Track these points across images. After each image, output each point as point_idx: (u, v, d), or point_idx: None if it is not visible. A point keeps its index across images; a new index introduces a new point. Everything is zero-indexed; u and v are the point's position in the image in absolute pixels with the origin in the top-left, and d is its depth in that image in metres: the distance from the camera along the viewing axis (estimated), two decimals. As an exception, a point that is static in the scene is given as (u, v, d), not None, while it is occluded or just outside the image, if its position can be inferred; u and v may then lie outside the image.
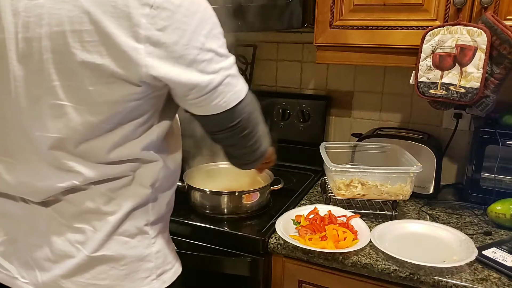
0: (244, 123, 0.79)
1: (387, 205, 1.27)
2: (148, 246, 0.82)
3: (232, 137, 0.81)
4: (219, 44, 0.73)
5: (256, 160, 0.89)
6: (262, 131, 0.85)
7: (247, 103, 0.78)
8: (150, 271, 0.82)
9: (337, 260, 1.02)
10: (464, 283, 0.93)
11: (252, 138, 0.83)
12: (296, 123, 1.65)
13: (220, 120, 0.77)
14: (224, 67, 0.73)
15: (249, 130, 0.81)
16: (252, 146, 0.85)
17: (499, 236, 1.14)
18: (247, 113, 0.78)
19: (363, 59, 1.27)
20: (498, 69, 1.07)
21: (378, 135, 1.47)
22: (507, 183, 1.26)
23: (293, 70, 1.72)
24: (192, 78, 0.69)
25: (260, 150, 0.87)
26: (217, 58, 0.71)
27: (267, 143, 0.89)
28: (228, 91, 0.73)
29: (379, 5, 1.20)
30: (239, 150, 0.86)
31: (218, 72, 0.71)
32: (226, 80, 0.73)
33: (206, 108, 0.75)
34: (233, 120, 0.77)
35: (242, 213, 1.22)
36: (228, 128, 0.78)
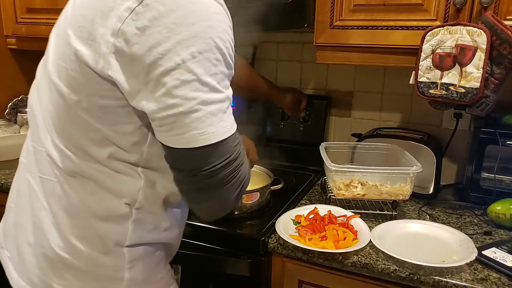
0: (201, 173, 0.63)
1: (387, 205, 1.27)
2: (121, 269, 0.76)
3: (181, 181, 0.67)
4: (210, 72, 0.61)
5: (214, 219, 0.75)
6: (231, 193, 0.67)
7: (221, 153, 0.63)
8: None
9: (337, 260, 1.02)
10: (464, 283, 0.93)
11: (209, 197, 0.66)
12: (296, 123, 1.65)
13: (177, 157, 0.65)
14: (205, 100, 0.60)
15: (206, 184, 0.65)
16: (207, 206, 0.69)
17: (499, 236, 1.14)
18: (214, 165, 0.63)
19: (363, 59, 1.27)
20: (498, 69, 1.07)
21: (378, 135, 1.47)
22: (507, 183, 1.27)
23: (293, 70, 1.72)
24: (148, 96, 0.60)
25: (221, 213, 0.71)
26: (197, 85, 0.60)
27: (235, 203, 0.71)
28: (195, 128, 0.61)
29: (379, 5, 1.20)
30: (188, 202, 0.72)
31: (189, 100, 0.59)
32: (198, 114, 0.60)
33: (163, 135, 0.64)
34: (190, 164, 0.63)
35: (242, 213, 1.22)
36: (178, 170, 0.66)
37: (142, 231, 0.77)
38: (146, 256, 0.80)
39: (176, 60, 0.58)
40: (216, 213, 0.72)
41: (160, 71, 0.59)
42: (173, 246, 0.89)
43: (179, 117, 0.60)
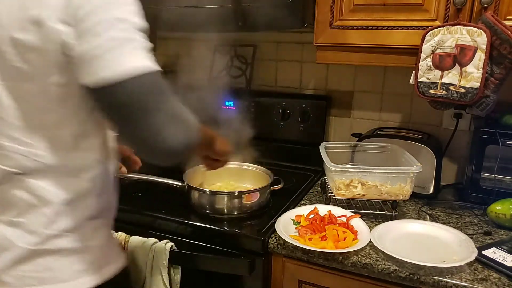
0: (128, 105, 0.68)
1: (387, 205, 1.27)
2: (87, 240, 0.83)
3: (117, 121, 0.72)
4: (123, 18, 0.68)
5: (161, 157, 0.76)
6: (162, 123, 0.71)
7: (142, 82, 0.68)
8: (88, 264, 0.83)
9: (337, 260, 1.02)
10: (464, 283, 0.93)
11: (142, 129, 0.70)
12: (296, 123, 1.65)
13: (103, 96, 0.69)
14: (116, 36, 0.67)
15: (136, 116, 0.69)
16: (143, 138, 0.71)
17: (499, 236, 1.14)
18: (138, 93, 0.68)
19: (363, 59, 1.27)
20: (498, 69, 1.07)
21: (378, 135, 1.47)
22: (507, 183, 1.27)
23: (293, 70, 1.72)
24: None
25: (159, 146, 0.72)
26: (112, 25, 0.67)
27: (178, 139, 0.73)
28: (116, 60, 0.67)
29: (379, 5, 1.20)
30: (130, 139, 0.75)
31: (103, 36, 0.66)
32: (112, 43, 0.66)
33: (86, 76, 0.68)
34: (117, 98, 0.68)
35: (242, 213, 1.22)
36: (106, 107, 0.71)
37: (98, 201, 0.84)
38: (103, 225, 0.87)
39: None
40: (147, 144, 0.72)
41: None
42: (111, 212, 0.92)
43: (95, 50, 0.67)
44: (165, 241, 1.15)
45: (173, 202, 1.28)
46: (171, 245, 1.14)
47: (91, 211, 0.83)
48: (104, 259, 0.86)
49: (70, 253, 0.81)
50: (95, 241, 0.85)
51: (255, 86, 1.78)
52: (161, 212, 1.22)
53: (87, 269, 0.83)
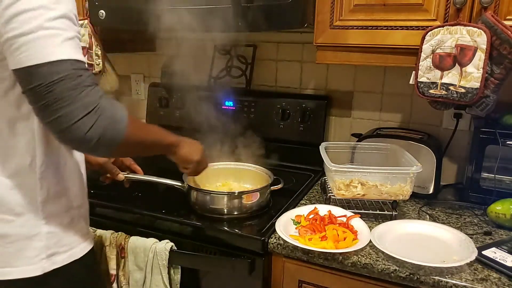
0: (43, 90, 0.70)
1: (387, 205, 1.27)
2: (38, 225, 0.84)
3: (32, 103, 0.73)
4: (48, 6, 0.71)
5: (74, 146, 0.78)
6: (75, 111, 0.72)
7: (57, 70, 0.70)
8: (39, 250, 0.84)
9: (337, 260, 1.03)
10: (464, 283, 0.93)
11: (53, 113, 0.71)
12: (296, 123, 1.65)
13: (21, 79, 0.72)
14: (40, 25, 0.70)
15: (48, 101, 0.70)
16: (54, 123, 0.72)
17: (499, 236, 1.14)
18: (50, 80, 0.70)
19: (363, 59, 1.27)
20: (498, 69, 1.07)
21: (378, 135, 1.47)
22: (507, 183, 1.27)
23: (293, 70, 1.72)
24: None
25: (70, 133, 0.73)
26: (37, 14, 0.69)
27: (93, 131, 0.74)
28: (33, 47, 0.69)
29: (379, 5, 1.20)
30: (44, 124, 0.75)
31: (28, 24, 0.69)
32: (35, 34, 0.69)
33: (11, 59, 0.72)
34: (31, 82, 0.70)
35: (242, 213, 1.22)
36: (26, 91, 0.72)
37: (48, 185, 0.85)
38: (59, 211, 0.87)
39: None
40: (63, 131, 0.73)
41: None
42: (77, 197, 0.93)
43: (18, 39, 0.69)
44: (165, 241, 1.15)
45: (173, 202, 1.28)
46: (171, 245, 1.14)
47: (40, 196, 0.84)
48: (56, 247, 0.86)
49: (15, 239, 0.82)
50: (45, 227, 0.85)
51: (255, 86, 1.78)
52: (161, 212, 1.22)
53: (34, 256, 0.84)
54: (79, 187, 0.94)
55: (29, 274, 0.84)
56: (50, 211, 0.86)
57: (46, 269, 0.85)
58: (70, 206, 0.90)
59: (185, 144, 1.06)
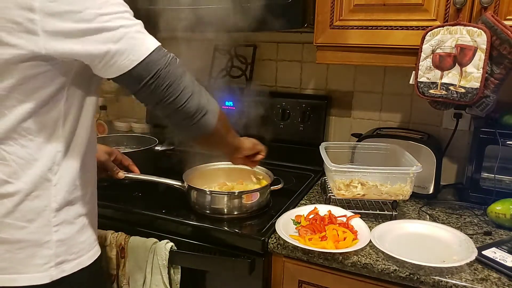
0: (163, 73, 0.78)
1: (387, 205, 1.27)
2: (49, 233, 0.83)
3: (155, 91, 0.79)
4: (116, 10, 0.76)
5: (191, 118, 0.85)
6: (189, 82, 0.83)
7: (158, 57, 0.78)
8: (48, 258, 0.83)
9: (337, 260, 1.03)
10: (464, 283, 0.93)
11: (177, 90, 0.81)
12: (296, 123, 1.65)
13: (137, 76, 0.78)
14: (124, 25, 0.75)
15: (170, 81, 0.80)
16: (179, 98, 0.81)
17: (499, 236, 1.14)
18: (161, 65, 0.78)
19: (363, 59, 1.27)
20: (498, 69, 1.07)
21: (378, 135, 1.47)
22: (507, 183, 1.27)
23: (293, 70, 1.72)
24: (88, 49, 0.74)
25: (191, 104, 0.83)
26: (115, 20, 0.74)
27: (200, 104, 0.85)
28: (130, 50, 0.75)
29: (379, 5, 1.20)
30: (166, 109, 0.83)
31: (117, 30, 0.74)
32: (124, 39, 0.75)
33: (112, 70, 0.77)
34: (151, 71, 0.77)
35: (242, 213, 1.22)
36: (144, 86, 0.78)
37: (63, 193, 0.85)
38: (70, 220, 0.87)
39: (92, 13, 0.73)
40: (188, 107, 0.83)
41: (82, 29, 0.74)
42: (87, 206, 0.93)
43: (116, 52, 0.75)
44: (165, 241, 1.15)
45: (173, 202, 1.28)
46: (171, 245, 1.14)
47: (54, 204, 0.83)
48: (65, 255, 0.86)
49: (26, 245, 0.82)
50: (55, 235, 0.84)
51: (255, 86, 1.78)
52: (161, 212, 1.22)
53: (43, 264, 0.83)
54: (90, 195, 0.93)
55: (37, 282, 0.83)
56: (62, 218, 0.85)
57: (54, 277, 0.84)
58: (80, 213, 0.90)
59: (240, 137, 1.12)
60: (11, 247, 0.81)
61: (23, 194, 0.80)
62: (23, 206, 0.81)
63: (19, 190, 0.80)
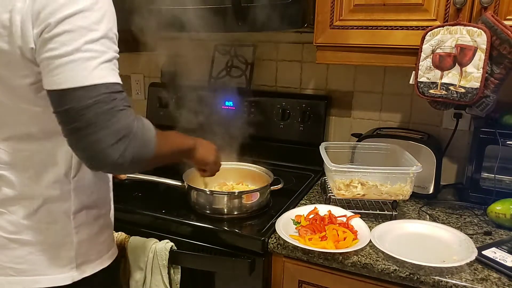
0: (73, 113, 0.69)
1: (387, 205, 1.27)
2: (69, 235, 0.84)
3: (61, 125, 0.71)
4: (89, 27, 0.69)
5: (101, 168, 0.75)
6: (105, 138, 0.70)
7: (90, 95, 0.69)
8: (70, 259, 0.84)
9: (337, 260, 1.03)
10: (464, 283, 0.93)
11: (82, 139, 0.70)
12: (296, 123, 1.65)
13: (53, 100, 0.71)
14: (78, 47, 0.68)
15: (78, 126, 0.69)
16: (83, 148, 0.71)
17: (499, 236, 1.14)
18: (82, 105, 0.68)
19: (363, 59, 1.27)
20: (498, 69, 1.07)
21: (378, 135, 1.47)
22: (507, 183, 1.27)
23: (293, 70, 1.72)
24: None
25: (99, 159, 0.71)
26: (76, 35, 0.68)
27: (124, 156, 0.72)
28: (68, 70, 0.68)
29: (379, 5, 1.20)
30: (71, 147, 0.73)
31: (66, 45, 0.68)
32: (72, 56, 0.68)
33: (45, 80, 0.71)
34: (62, 104, 0.69)
35: (242, 213, 1.22)
36: (57, 112, 0.71)
37: (81, 196, 0.85)
38: (89, 222, 0.87)
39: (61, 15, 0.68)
40: (93, 156, 0.72)
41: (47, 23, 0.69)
42: (103, 208, 0.93)
43: (56, 60, 0.68)
44: (165, 241, 1.15)
45: (173, 202, 1.28)
46: (171, 245, 1.14)
47: (74, 207, 0.84)
48: (85, 256, 0.86)
49: (47, 247, 0.82)
50: (75, 237, 0.85)
51: (255, 86, 1.78)
52: (161, 212, 1.22)
53: (65, 265, 0.84)
54: (106, 196, 0.94)
55: (59, 283, 0.83)
56: (82, 220, 0.86)
57: (76, 278, 0.85)
58: (99, 215, 0.90)
59: (200, 146, 1.05)
60: (34, 249, 0.82)
61: (43, 197, 0.81)
62: (44, 209, 0.81)
63: (39, 193, 0.80)
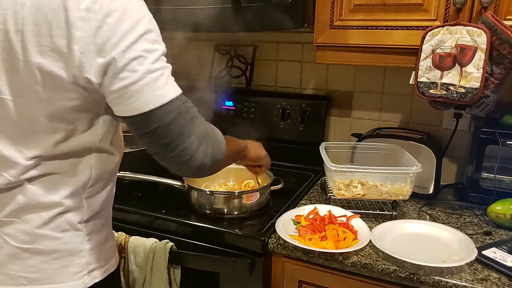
0: (161, 131, 0.74)
1: (387, 205, 1.27)
2: (81, 243, 0.85)
3: (151, 144, 0.77)
4: (150, 49, 0.72)
5: (191, 173, 0.82)
6: (192, 144, 0.77)
7: (171, 110, 0.74)
8: (82, 266, 0.85)
9: (337, 260, 1.03)
10: (464, 283, 0.93)
11: (174, 150, 0.76)
12: (296, 123, 1.65)
13: (137, 124, 0.74)
14: (147, 69, 0.71)
15: (168, 140, 0.75)
16: (175, 158, 0.77)
17: (499, 236, 1.14)
18: (167, 121, 0.74)
19: (363, 59, 1.27)
20: (498, 69, 1.07)
21: (378, 135, 1.47)
22: (507, 183, 1.27)
23: (293, 70, 1.72)
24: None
25: (190, 164, 0.78)
26: (142, 59, 0.71)
27: (207, 157, 0.79)
28: (145, 93, 0.72)
29: (379, 5, 1.20)
30: (162, 160, 0.79)
31: (137, 71, 0.71)
32: (145, 80, 0.71)
33: (123, 108, 0.74)
34: (149, 125, 0.73)
35: (242, 213, 1.22)
36: (144, 134, 0.75)
37: (92, 205, 0.86)
38: (97, 229, 0.89)
39: (125, 44, 0.70)
40: (184, 163, 0.78)
41: (112, 57, 0.71)
42: (108, 215, 0.95)
43: (129, 88, 0.71)
44: (165, 241, 1.15)
45: (173, 202, 1.28)
46: (171, 245, 1.14)
47: (86, 215, 0.85)
48: (95, 262, 0.87)
49: (60, 255, 0.83)
50: (87, 244, 0.86)
51: (255, 86, 1.78)
52: (161, 212, 1.22)
53: (77, 272, 0.84)
54: (110, 202, 0.95)
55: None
56: (92, 228, 0.87)
57: (87, 284, 0.86)
58: (105, 222, 0.92)
59: (250, 144, 1.12)
60: (47, 258, 0.82)
61: (60, 207, 0.81)
62: (58, 218, 0.82)
63: (56, 203, 0.81)
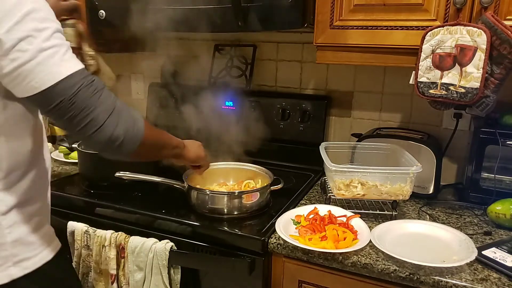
0: (64, 106, 0.74)
1: (387, 205, 1.27)
2: (2, 236, 0.84)
3: (58, 119, 0.77)
4: (39, 27, 0.72)
5: (102, 146, 0.80)
6: (99, 116, 0.77)
7: (70, 84, 0.74)
8: (5, 259, 0.85)
9: (337, 260, 1.03)
10: (464, 283, 0.93)
11: (80, 122, 0.76)
12: (296, 123, 1.65)
13: (39, 102, 0.75)
14: (39, 48, 0.71)
15: (73, 113, 0.75)
16: (83, 131, 0.77)
17: (499, 236, 1.14)
18: (68, 95, 0.74)
19: (363, 59, 1.27)
20: (498, 69, 1.07)
21: (378, 135, 1.47)
22: (507, 183, 1.27)
23: (293, 70, 1.72)
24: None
25: (99, 136, 0.78)
26: (31, 39, 0.71)
27: (118, 129, 0.79)
28: (40, 71, 0.72)
29: (379, 5, 1.20)
30: (72, 135, 0.81)
31: (27, 51, 0.70)
32: (37, 59, 0.71)
33: (21, 89, 0.74)
34: (51, 102, 0.74)
35: (242, 213, 1.22)
36: (49, 111, 0.75)
37: (12, 196, 0.85)
38: (25, 219, 0.88)
39: (8, 25, 0.70)
40: (93, 136, 0.78)
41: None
42: (43, 203, 0.94)
43: (22, 68, 0.71)
44: (165, 241, 1.15)
45: (173, 202, 1.28)
46: (171, 245, 1.14)
47: (2, 208, 0.84)
48: (24, 253, 0.87)
49: None
50: (8, 237, 0.85)
51: (255, 86, 1.78)
52: (161, 212, 1.22)
53: (1, 265, 0.84)
54: (43, 192, 0.94)
55: None
56: (14, 220, 0.86)
57: (15, 275, 0.85)
58: (33, 212, 0.90)
59: (189, 144, 1.11)
60: None
61: None
62: None
63: None
